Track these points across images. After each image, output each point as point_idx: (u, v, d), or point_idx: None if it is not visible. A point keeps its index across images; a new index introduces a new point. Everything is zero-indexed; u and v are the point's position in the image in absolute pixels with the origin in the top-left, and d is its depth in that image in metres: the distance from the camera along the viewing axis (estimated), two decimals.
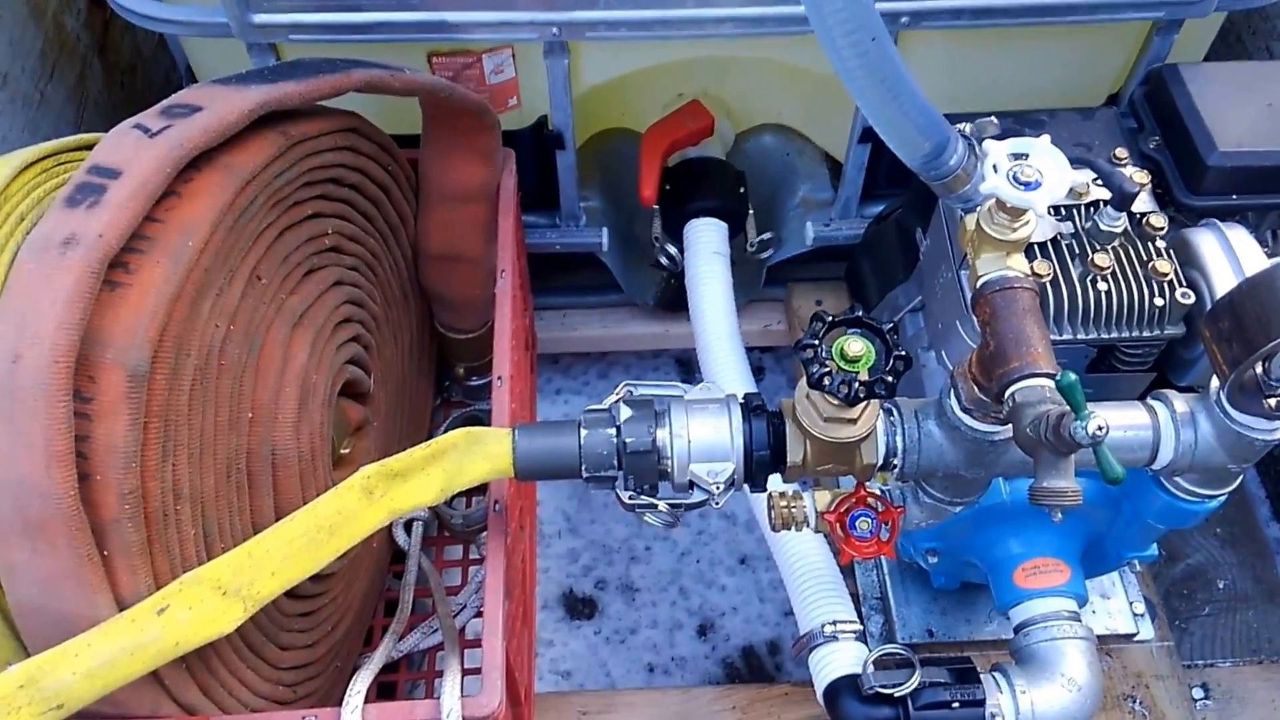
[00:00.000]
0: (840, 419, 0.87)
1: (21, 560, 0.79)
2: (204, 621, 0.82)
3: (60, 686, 0.79)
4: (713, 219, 1.46)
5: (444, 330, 1.38)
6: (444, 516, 1.36)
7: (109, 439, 0.78)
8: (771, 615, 1.57)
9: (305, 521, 0.88)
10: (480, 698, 0.90)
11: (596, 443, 0.91)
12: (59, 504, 0.77)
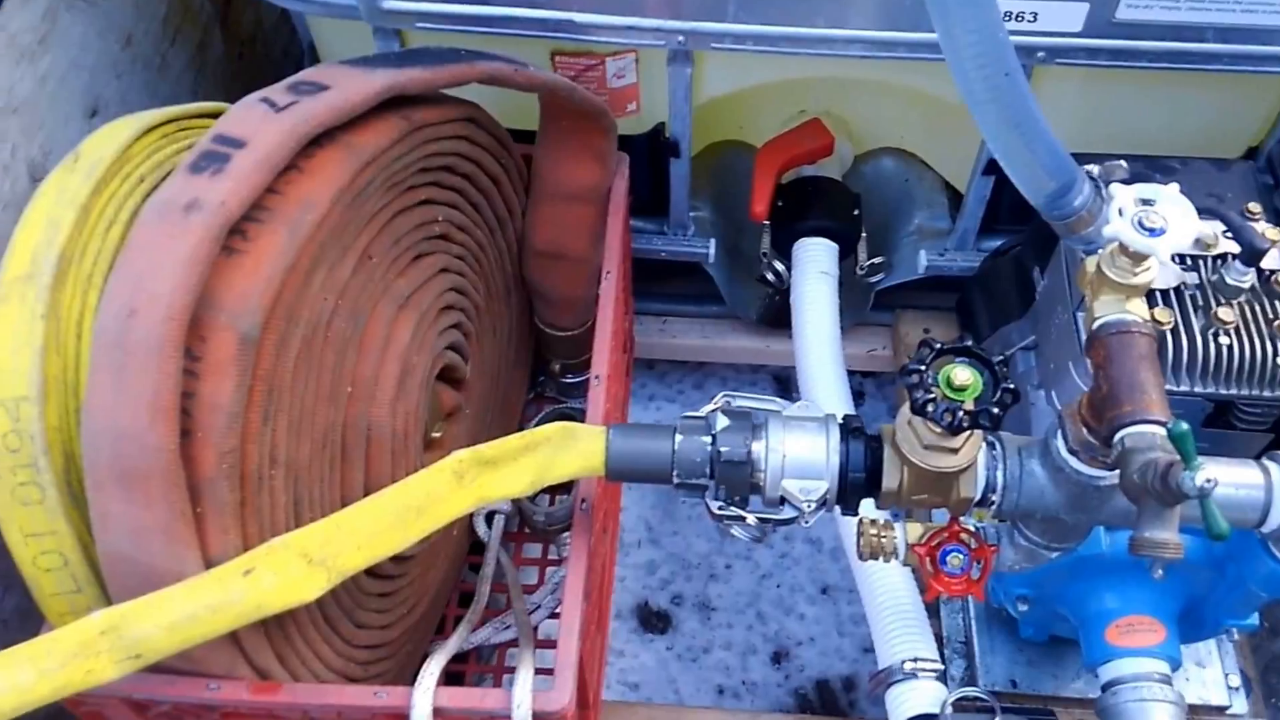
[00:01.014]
0: (941, 448, 0.86)
1: (116, 510, 0.82)
2: (287, 588, 0.84)
3: (141, 636, 0.82)
4: (823, 239, 1.45)
5: (543, 326, 1.39)
6: (526, 512, 1.37)
7: (214, 398, 0.81)
8: (850, 650, 1.54)
9: (394, 499, 0.90)
10: (551, 694, 0.91)
11: (690, 449, 0.91)
12: (158, 457, 0.79)
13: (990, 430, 0.81)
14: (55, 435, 0.86)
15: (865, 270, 1.49)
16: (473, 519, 1.33)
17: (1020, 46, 1.13)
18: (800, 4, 1.13)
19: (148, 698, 0.91)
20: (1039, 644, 1.26)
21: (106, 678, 0.82)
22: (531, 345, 1.45)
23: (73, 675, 0.81)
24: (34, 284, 0.87)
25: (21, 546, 0.87)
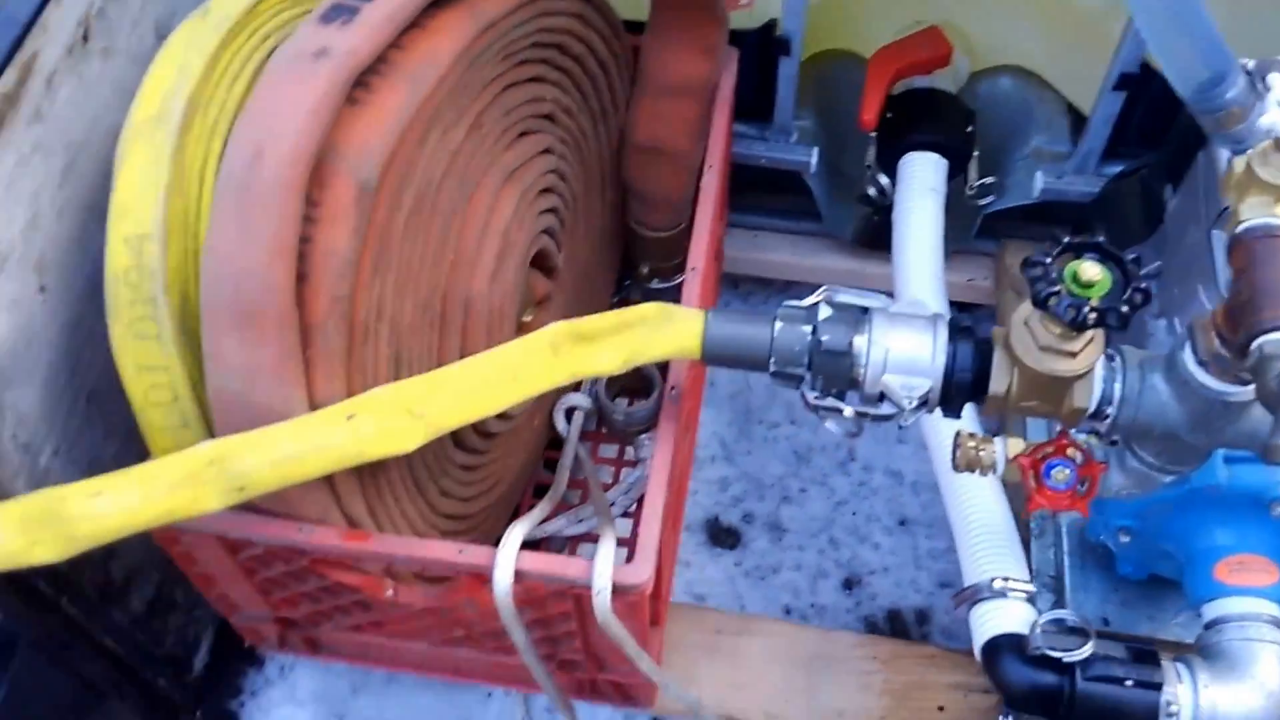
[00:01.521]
0: (1059, 350, 0.88)
1: (228, 348, 0.89)
2: (387, 436, 0.90)
3: (245, 470, 0.88)
4: (932, 154, 1.46)
5: (636, 227, 1.43)
6: (606, 410, 1.42)
7: (330, 243, 0.87)
8: (926, 583, 1.58)
9: (492, 362, 0.95)
10: (631, 567, 0.96)
11: (790, 338, 0.95)
12: (275, 296, 0.85)
13: (1118, 329, 0.83)
14: (174, 275, 0.93)
15: (975, 191, 1.50)
16: (553, 413, 1.39)
17: None
18: None
19: (242, 536, 0.98)
20: (1135, 583, 1.26)
21: (210, 507, 0.89)
22: (620, 249, 1.50)
23: (178, 502, 0.88)
24: (162, 126, 0.93)
25: (135, 379, 0.95)
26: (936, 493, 1.61)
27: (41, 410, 1.05)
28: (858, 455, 1.69)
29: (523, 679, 1.21)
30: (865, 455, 1.69)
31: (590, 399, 1.40)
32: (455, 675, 1.26)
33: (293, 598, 1.12)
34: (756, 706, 1.28)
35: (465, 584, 1.02)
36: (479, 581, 1.01)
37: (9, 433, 1.00)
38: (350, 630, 1.18)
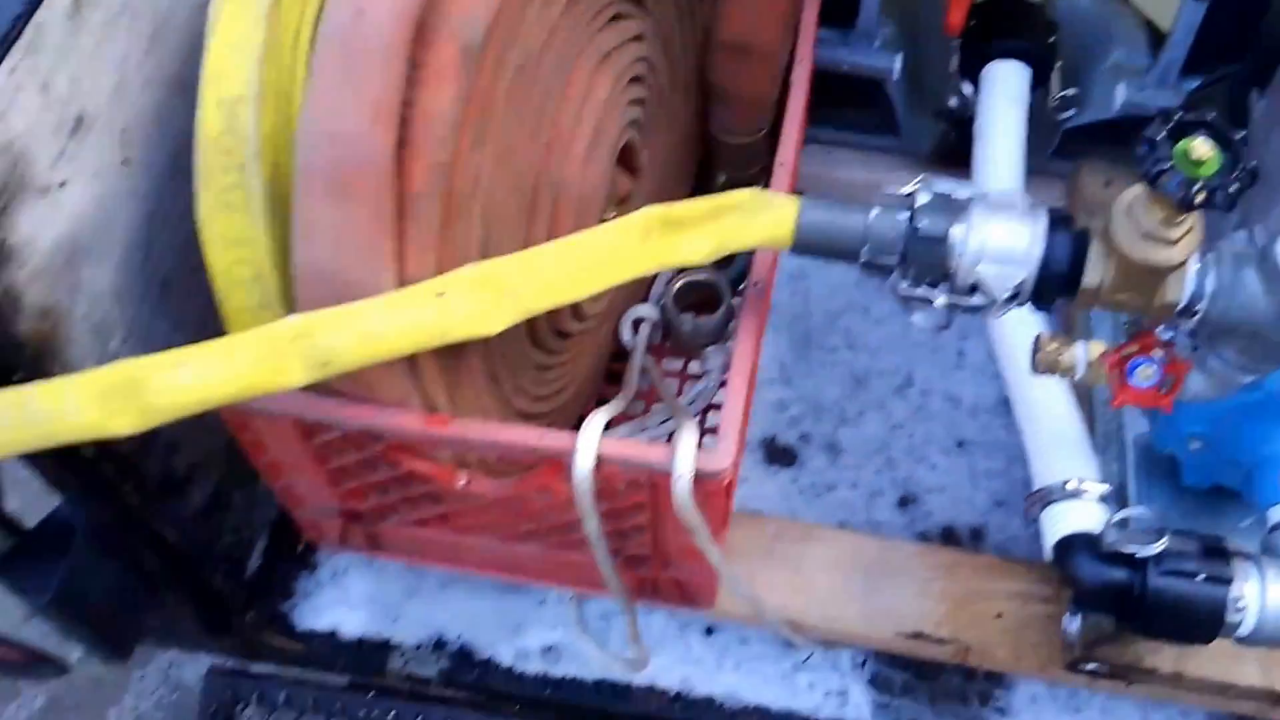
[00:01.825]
0: (1160, 238, 0.88)
1: (321, 218, 0.88)
2: (476, 316, 0.90)
3: (332, 344, 0.88)
4: (1017, 62, 1.45)
5: (715, 131, 1.42)
6: (673, 323, 1.41)
7: (433, 107, 0.86)
8: (982, 503, 1.58)
9: (582, 245, 0.95)
10: (714, 454, 0.96)
11: (884, 225, 0.95)
12: (375, 162, 0.85)
13: (1224, 209, 0.83)
14: (266, 144, 0.93)
15: (1058, 103, 1.49)
16: (619, 325, 1.39)
17: None
18: None
19: (319, 419, 0.99)
20: (1198, 494, 1.28)
21: (293, 382, 0.89)
22: (696, 157, 1.49)
23: (261, 376, 0.88)
24: None
25: (219, 253, 0.95)
26: (994, 416, 1.65)
27: (115, 292, 1.05)
28: (915, 380, 1.69)
29: (584, 579, 1.23)
30: (923, 380, 1.69)
31: (657, 311, 1.39)
32: (514, 574, 1.27)
33: (361, 489, 1.12)
34: (815, 609, 1.30)
35: (542, 472, 1.02)
36: (556, 469, 1.01)
37: (81, 311, 1.01)
38: (415, 525, 1.18)
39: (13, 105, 0.86)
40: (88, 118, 0.96)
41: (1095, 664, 1.24)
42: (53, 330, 0.96)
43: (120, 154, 1.01)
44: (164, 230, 1.10)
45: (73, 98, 0.94)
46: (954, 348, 1.70)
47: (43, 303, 0.94)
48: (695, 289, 1.42)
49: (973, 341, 1.70)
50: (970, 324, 1.72)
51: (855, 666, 1.45)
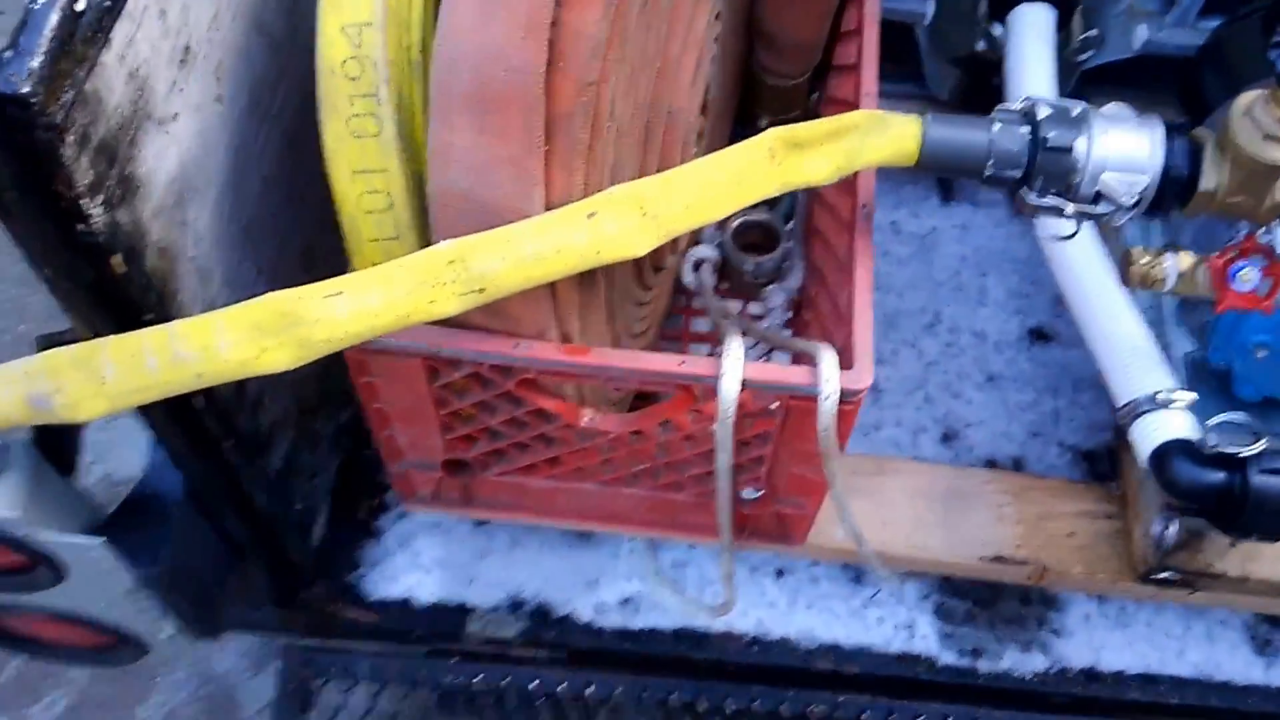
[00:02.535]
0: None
1: (463, 142, 0.84)
2: (625, 235, 0.86)
3: (486, 270, 0.84)
4: (1043, 3, 1.45)
5: (760, 73, 1.39)
6: (734, 262, 1.39)
7: (580, 24, 0.82)
8: (1019, 433, 1.59)
9: (717, 166, 0.92)
10: (853, 373, 0.94)
11: (1008, 138, 0.94)
12: (526, 78, 0.81)
13: None
14: (391, 69, 0.87)
15: (1079, 45, 1.49)
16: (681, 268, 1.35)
17: None
18: None
19: (456, 354, 0.94)
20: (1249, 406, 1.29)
21: (447, 310, 0.85)
22: (738, 100, 1.46)
23: (417, 304, 0.84)
24: None
25: (347, 184, 0.89)
26: (1019, 350, 1.66)
27: (213, 233, 0.99)
28: (943, 318, 1.69)
29: (681, 522, 1.21)
30: (950, 318, 1.69)
31: (716, 251, 1.36)
32: (609, 523, 1.23)
33: (473, 434, 1.07)
34: (901, 539, 1.30)
35: (669, 404, 0.99)
36: (686, 400, 0.98)
37: (190, 253, 0.94)
38: (519, 473, 1.14)
39: (141, 29, 0.79)
40: (193, 49, 0.90)
41: (1168, 572, 1.25)
42: (170, 270, 0.90)
43: (215, 90, 0.95)
44: (249, 173, 1.03)
45: (182, 27, 0.88)
46: (975, 285, 1.71)
47: (161, 240, 0.88)
48: (752, 229, 1.40)
49: (992, 278, 1.71)
50: (989, 260, 1.73)
51: (921, 599, 1.45)
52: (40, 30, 0.67)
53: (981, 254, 1.75)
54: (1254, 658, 1.37)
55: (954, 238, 1.77)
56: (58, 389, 0.81)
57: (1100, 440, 1.56)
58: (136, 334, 0.81)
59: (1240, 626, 1.42)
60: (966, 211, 1.80)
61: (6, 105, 0.66)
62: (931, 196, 1.81)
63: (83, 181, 0.73)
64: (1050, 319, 1.68)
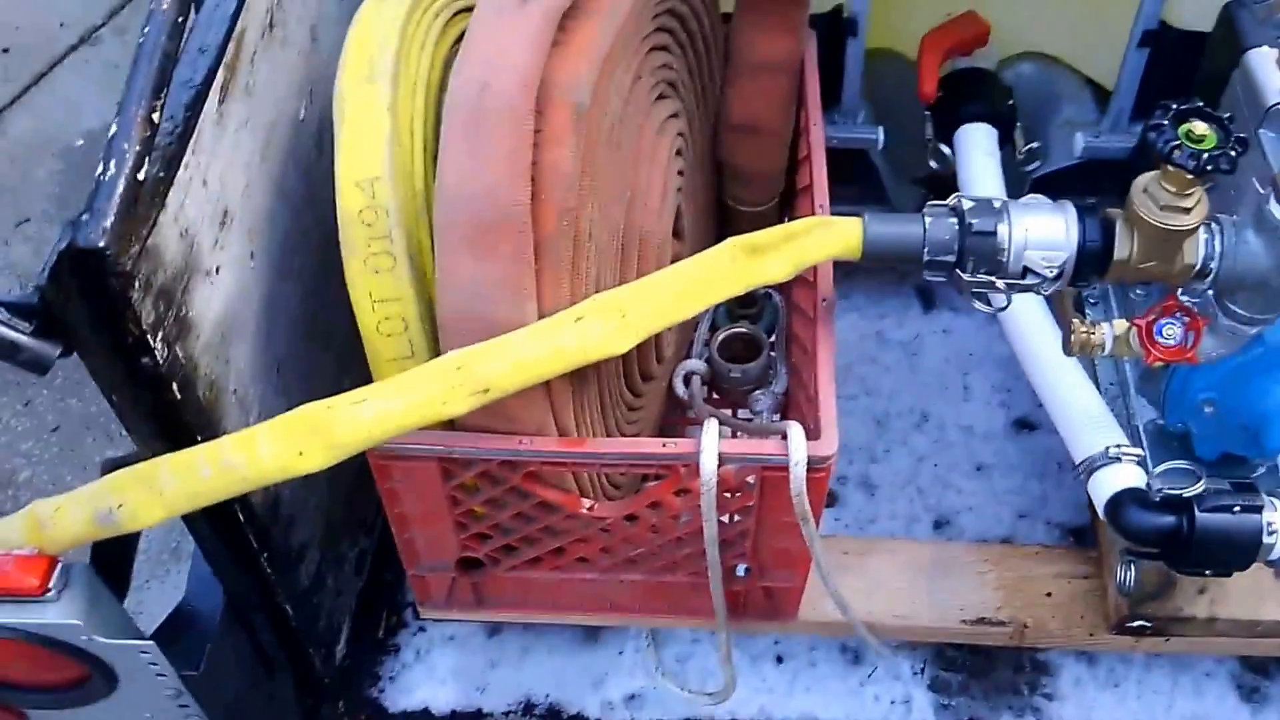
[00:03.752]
0: (1176, 207, 1.04)
1: (464, 268, 1.00)
2: (608, 337, 1.02)
3: (489, 373, 0.99)
4: (984, 124, 1.64)
5: (731, 203, 1.57)
6: (720, 372, 1.54)
7: (555, 162, 0.99)
8: (1007, 516, 1.71)
9: (684, 272, 1.08)
10: (819, 443, 1.08)
11: (940, 229, 1.10)
12: (514, 211, 0.98)
13: (1229, 173, 0.99)
14: (400, 214, 1.04)
15: (1024, 156, 1.67)
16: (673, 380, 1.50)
17: None
18: None
19: (466, 454, 1.08)
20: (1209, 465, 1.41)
21: (458, 409, 1.00)
22: (716, 227, 1.63)
23: (431, 405, 0.99)
24: (376, 84, 1.06)
25: (368, 312, 1.05)
26: (1005, 440, 1.80)
27: (250, 370, 1.15)
28: (930, 415, 1.83)
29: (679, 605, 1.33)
30: (937, 415, 1.83)
31: (704, 364, 1.52)
32: (611, 613, 1.36)
33: (485, 531, 1.21)
34: (886, 610, 1.42)
35: (659, 487, 1.13)
36: (674, 480, 1.11)
37: (232, 386, 1.10)
38: (526, 566, 1.26)
39: (189, 196, 0.97)
40: (230, 212, 1.07)
41: (1139, 621, 1.36)
42: (216, 400, 1.05)
43: (249, 248, 1.12)
44: (277, 319, 1.20)
45: (221, 193, 1.05)
46: (959, 383, 1.86)
47: (209, 373, 1.03)
48: (736, 340, 1.55)
49: (975, 376, 1.86)
50: (971, 360, 1.88)
51: (915, 674, 1.56)
52: (110, 195, 0.84)
53: (964, 355, 1.90)
54: (1240, 705, 1.46)
55: (937, 342, 1.93)
56: (121, 503, 0.96)
57: (1086, 517, 1.67)
58: (191, 449, 0.96)
59: (1226, 677, 1.52)
60: (948, 317, 1.96)
61: (86, 258, 0.83)
62: (914, 305, 1.98)
63: (147, 320, 0.89)
64: (1033, 409, 1.81)
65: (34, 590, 0.94)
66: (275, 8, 1.16)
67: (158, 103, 0.88)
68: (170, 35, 0.89)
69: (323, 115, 1.28)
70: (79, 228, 0.82)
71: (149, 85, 0.87)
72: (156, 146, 0.89)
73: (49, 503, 0.98)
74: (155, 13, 0.89)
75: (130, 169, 0.85)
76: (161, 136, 0.90)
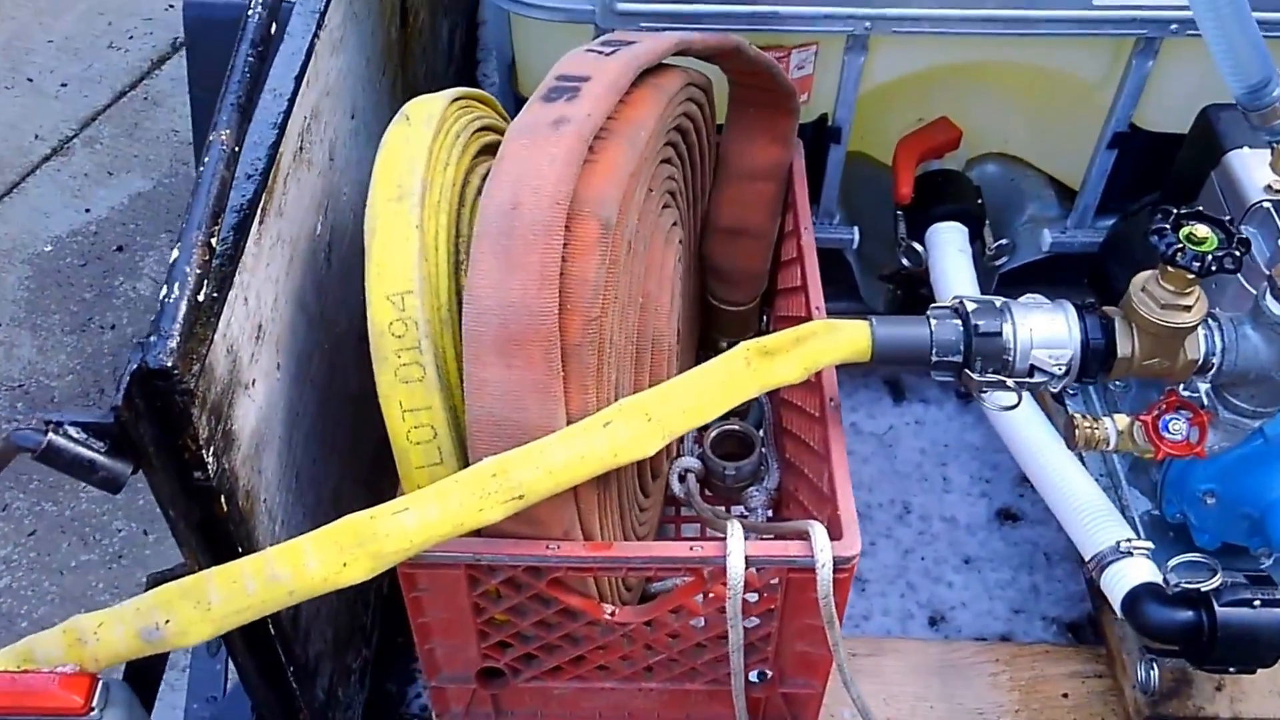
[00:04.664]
0: (1177, 305, 1.13)
1: (494, 376, 1.06)
2: (636, 440, 1.08)
3: (523, 479, 1.04)
4: (955, 223, 1.75)
5: (716, 302, 1.66)
6: (714, 470, 1.60)
7: (583, 273, 1.06)
8: (1002, 611, 1.77)
9: (705, 377, 1.15)
10: (843, 543, 1.14)
11: (946, 330, 1.18)
12: (543, 320, 1.04)
13: (1234, 271, 1.08)
14: (428, 325, 1.10)
15: (994, 252, 1.78)
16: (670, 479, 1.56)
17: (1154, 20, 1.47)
18: None
19: (495, 560, 1.13)
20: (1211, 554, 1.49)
21: (494, 516, 1.04)
22: (700, 325, 1.72)
23: (469, 513, 1.04)
24: (404, 203, 1.12)
25: (399, 421, 1.10)
26: (989, 532, 1.87)
27: (276, 479, 1.19)
28: (913, 508, 1.90)
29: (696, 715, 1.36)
30: (919, 507, 1.90)
31: (698, 461, 1.58)
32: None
33: (507, 640, 1.25)
34: (906, 715, 1.45)
35: (687, 586, 1.18)
36: (700, 582, 1.17)
37: (263, 495, 1.14)
38: (546, 676, 1.30)
39: (234, 313, 1.02)
40: (264, 327, 1.12)
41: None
42: (251, 510, 1.09)
43: (276, 359, 1.17)
44: (297, 426, 1.24)
45: (258, 309, 1.10)
46: (938, 474, 1.93)
47: (246, 484, 1.07)
48: (728, 438, 1.62)
49: (953, 467, 1.94)
50: (947, 451, 1.96)
51: None
52: (175, 317, 0.89)
53: (939, 446, 1.98)
54: None
55: (911, 433, 2.01)
56: (168, 619, 0.99)
57: (1081, 610, 1.74)
58: (238, 563, 0.99)
59: None
60: (919, 409, 2.04)
61: (154, 379, 0.87)
62: (884, 398, 2.06)
63: (202, 436, 0.93)
64: (1014, 499, 1.90)
65: (78, 709, 0.95)
66: (305, 131, 1.23)
67: (215, 228, 0.93)
68: (228, 164, 0.95)
69: (334, 229, 1.34)
70: (147, 349, 0.87)
71: (208, 212, 0.92)
72: (213, 269, 0.94)
73: (91, 618, 1.01)
74: (214, 143, 0.95)
75: (191, 291, 0.91)
76: (216, 259, 0.95)
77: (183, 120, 2.92)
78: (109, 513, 2.18)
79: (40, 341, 2.44)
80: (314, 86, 1.23)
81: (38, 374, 2.39)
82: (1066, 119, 1.73)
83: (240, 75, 1.03)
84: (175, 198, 2.74)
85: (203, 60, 1.78)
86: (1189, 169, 1.48)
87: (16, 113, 2.86)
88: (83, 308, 2.50)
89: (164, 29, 3.21)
